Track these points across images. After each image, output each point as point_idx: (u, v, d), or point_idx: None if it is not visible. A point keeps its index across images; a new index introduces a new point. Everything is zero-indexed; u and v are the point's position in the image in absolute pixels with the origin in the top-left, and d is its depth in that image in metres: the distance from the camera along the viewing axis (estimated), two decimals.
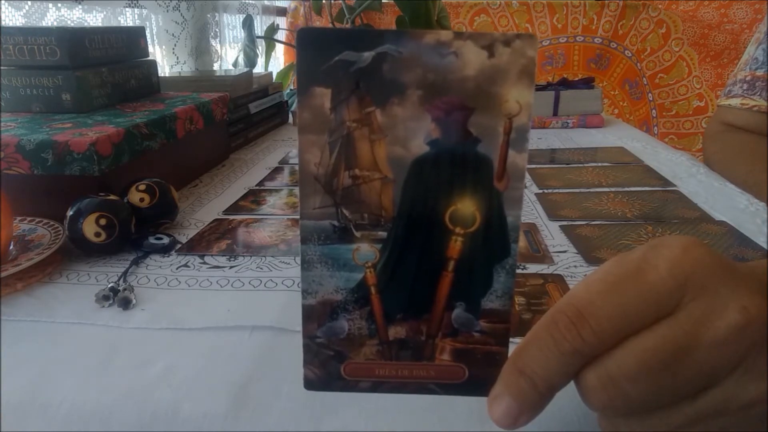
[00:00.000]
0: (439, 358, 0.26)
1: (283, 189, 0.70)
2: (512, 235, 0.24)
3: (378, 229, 0.24)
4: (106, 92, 0.70)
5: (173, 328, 0.38)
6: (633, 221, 0.55)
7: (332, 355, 0.26)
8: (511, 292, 0.25)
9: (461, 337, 0.25)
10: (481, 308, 0.25)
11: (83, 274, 0.47)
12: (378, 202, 0.24)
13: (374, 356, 0.26)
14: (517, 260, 0.25)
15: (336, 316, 0.25)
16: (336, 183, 0.24)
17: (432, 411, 0.30)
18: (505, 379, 0.24)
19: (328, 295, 0.25)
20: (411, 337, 0.26)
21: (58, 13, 0.93)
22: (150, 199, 0.53)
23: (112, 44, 0.71)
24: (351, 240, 0.24)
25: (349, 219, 0.24)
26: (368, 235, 0.24)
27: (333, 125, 0.23)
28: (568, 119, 1.04)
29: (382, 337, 0.25)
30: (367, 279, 0.25)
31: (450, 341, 0.25)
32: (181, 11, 1.24)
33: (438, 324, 0.25)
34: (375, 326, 0.25)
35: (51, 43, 0.63)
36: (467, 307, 0.25)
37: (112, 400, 0.31)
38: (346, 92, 0.23)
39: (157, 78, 0.82)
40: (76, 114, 0.64)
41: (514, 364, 0.24)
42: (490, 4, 2.16)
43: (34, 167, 0.51)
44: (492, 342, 0.25)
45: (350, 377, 0.26)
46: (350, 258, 0.24)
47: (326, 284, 0.25)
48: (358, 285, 0.25)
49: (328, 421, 0.30)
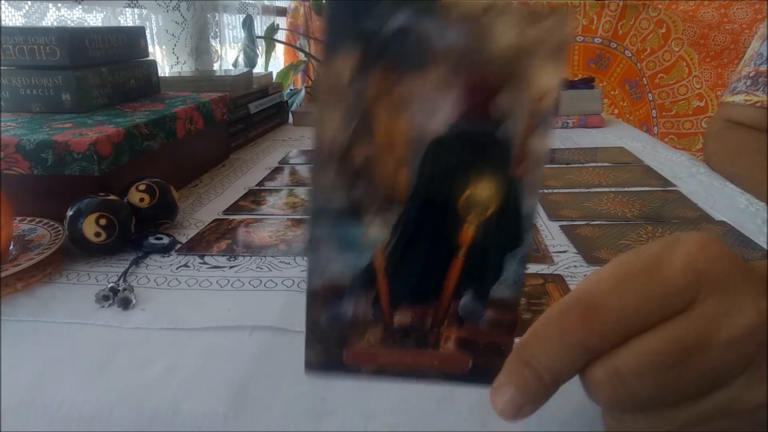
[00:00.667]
0: (444, 347, 0.25)
1: (283, 189, 0.70)
2: (526, 224, 0.23)
3: (390, 210, 0.23)
4: (106, 92, 0.70)
5: (173, 328, 0.38)
6: (633, 221, 0.55)
7: (335, 340, 0.25)
8: (522, 282, 0.24)
9: (467, 326, 0.25)
10: (490, 297, 0.24)
11: (83, 274, 0.47)
12: (392, 181, 0.23)
13: (378, 343, 0.25)
14: (529, 251, 0.24)
15: (341, 299, 0.24)
16: (350, 160, 0.23)
17: (432, 411, 0.30)
18: (509, 370, 0.24)
19: (334, 277, 0.24)
20: (416, 324, 0.25)
21: (58, 13, 0.93)
22: (150, 199, 0.53)
23: (112, 44, 0.71)
24: (361, 221, 0.23)
25: (360, 198, 0.23)
26: (379, 216, 0.23)
27: (352, 99, 0.22)
28: (568, 119, 1.04)
29: (387, 322, 0.25)
30: (376, 262, 0.24)
31: (455, 330, 0.25)
32: (181, 11, 1.24)
33: (444, 311, 0.25)
34: (380, 311, 0.25)
35: (51, 43, 0.63)
36: (475, 295, 0.25)
37: (112, 400, 0.31)
38: (368, 66, 0.21)
39: (157, 78, 0.82)
40: (76, 114, 0.64)
41: (520, 355, 0.23)
42: None
43: (34, 167, 0.51)
44: (498, 332, 0.25)
45: (352, 363, 0.25)
46: (359, 239, 0.24)
47: (333, 266, 0.24)
48: (366, 268, 0.24)
49: (328, 421, 0.30)
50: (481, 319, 0.25)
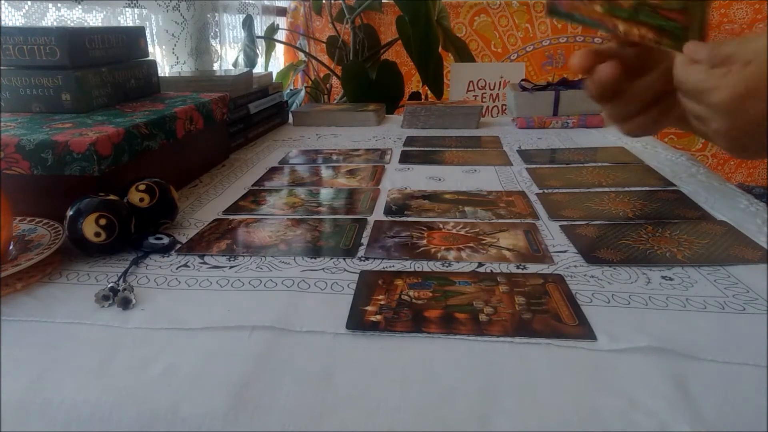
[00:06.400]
0: None
1: (283, 189, 0.70)
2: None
3: None
4: (106, 92, 0.70)
5: (173, 328, 0.38)
6: (633, 221, 0.55)
7: None
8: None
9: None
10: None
11: (83, 274, 0.47)
12: None
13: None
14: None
15: None
16: None
17: (432, 411, 0.30)
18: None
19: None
20: None
21: (58, 13, 0.93)
22: (150, 199, 0.53)
23: (112, 44, 0.71)
24: None
25: None
26: None
27: None
28: (568, 119, 1.04)
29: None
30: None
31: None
32: (181, 11, 1.24)
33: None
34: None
35: (51, 43, 0.63)
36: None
37: (112, 400, 0.31)
38: None
39: (157, 78, 0.82)
40: (76, 114, 0.64)
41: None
42: (490, 4, 2.16)
43: (34, 167, 0.51)
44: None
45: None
46: None
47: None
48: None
49: (328, 421, 0.30)
50: None
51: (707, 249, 0.48)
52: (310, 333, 0.37)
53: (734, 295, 0.41)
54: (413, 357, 0.34)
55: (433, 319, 0.38)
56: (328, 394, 0.31)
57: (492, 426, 0.29)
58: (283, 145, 0.96)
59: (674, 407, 0.29)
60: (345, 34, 1.92)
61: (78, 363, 0.35)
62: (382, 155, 0.86)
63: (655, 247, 0.49)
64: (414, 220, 0.57)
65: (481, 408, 0.30)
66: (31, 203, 0.53)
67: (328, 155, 0.87)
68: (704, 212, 0.57)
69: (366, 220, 0.58)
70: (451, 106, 1.08)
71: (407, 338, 0.36)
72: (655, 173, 0.72)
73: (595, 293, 0.41)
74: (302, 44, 2.21)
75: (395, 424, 0.29)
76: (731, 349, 0.34)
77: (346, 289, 0.43)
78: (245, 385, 0.32)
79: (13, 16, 0.86)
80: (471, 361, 0.34)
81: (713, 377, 0.32)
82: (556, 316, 0.38)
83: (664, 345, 0.34)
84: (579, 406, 0.30)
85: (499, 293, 0.41)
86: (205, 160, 0.80)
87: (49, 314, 0.40)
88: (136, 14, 1.11)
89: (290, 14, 2.23)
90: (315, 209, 0.62)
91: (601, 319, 0.38)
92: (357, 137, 1.01)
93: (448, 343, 0.36)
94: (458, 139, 0.97)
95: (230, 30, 1.60)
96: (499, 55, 2.20)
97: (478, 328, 0.37)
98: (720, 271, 0.44)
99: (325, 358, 0.34)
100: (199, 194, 0.68)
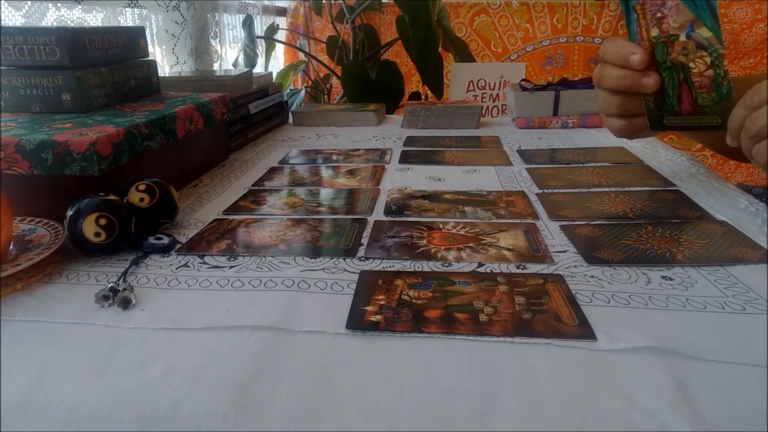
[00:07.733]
0: None
1: (283, 189, 0.70)
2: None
3: None
4: (106, 92, 0.70)
5: (173, 328, 0.38)
6: (633, 221, 0.55)
7: None
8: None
9: None
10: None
11: (83, 274, 0.47)
12: None
13: None
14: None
15: None
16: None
17: (432, 411, 0.30)
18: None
19: None
20: None
21: (58, 13, 0.93)
22: (150, 199, 0.53)
23: (112, 44, 0.71)
24: None
25: None
26: None
27: None
28: (568, 119, 1.04)
29: None
30: None
31: None
32: (181, 11, 1.24)
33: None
34: None
35: (51, 43, 0.63)
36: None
37: (111, 400, 0.31)
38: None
39: (157, 78, 0.82)
40: (76, 114, 0.64)
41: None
42: (490, 4, 2.16)
43: (34, 167, 0.51)
44: None
45: None
46: None
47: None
48: None
49: (328, 421, 0.30)
50: None
51: (707, 249, 0.48)
52: (310, 333, 0.37)
53: (734, 295, 0.41)
54: (413, 357, 0.34)
55: (433, 319, 0.38)
56: (328, 394, 0.31)
57: (492, 426, 0.29)
58: (283, 145, 0.96)
59: (674, 407, 0.29)
60: (345, 34, 1.92)
61: (78, 363, 0.35)
62: (382, 155, 0.86)
63: (655, 247, 0.49)
64: (414, 220, 0.57)
65: (481, 408, 0.30)
66: (31, 203, 0.53)
67: (328, 155, 0.87)
68: (704, 212, 0.57)
69: (366, 220, 0.58)
70: (451, 106, 1.08)
71: (407, 338, 0.36)
72: (655, 173, 0.72)
73: (595, 293, 0.41)
74: (302, 44, 2.21)
75: (395, 424, 0.29)
76: (731, 349, 0.34)
77: (346, 289, 0.43)
78: (245, 385, 0.32)
79: (13, 16, 0.86)
80: (471, 361, 0.34)
81: (713, 377, 0.32)
82: (556, 316, 0.38)
83: (664, 345, 0.34)
84: (579, 406, 0.30)
85: (499, 293, 0.41)
86: (205, 160, 0.80)
87: (49, 314, 0.40)
88: (136, 14, 1.11)
89: (290, 14, 2.23)
90: (315, 209, 0.62)
91: (601, 319, 0.38)
92: (357, 137, 1.01)
93: (448, 343, 0.36)
94: (458, 139, 0.97)
95: (230, 30, 1.61)
96: (499, 55, 2.20)
97: (478, 328, 0.37)
98: (720, 271, 0.44)
99: (325, 358, 0.34)
100: (199, 194, 0.68)
